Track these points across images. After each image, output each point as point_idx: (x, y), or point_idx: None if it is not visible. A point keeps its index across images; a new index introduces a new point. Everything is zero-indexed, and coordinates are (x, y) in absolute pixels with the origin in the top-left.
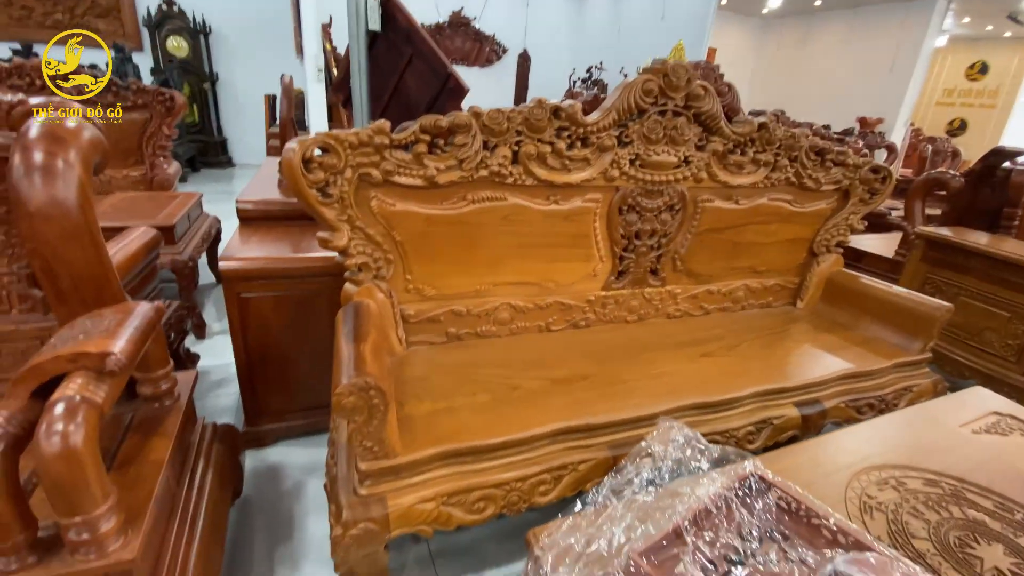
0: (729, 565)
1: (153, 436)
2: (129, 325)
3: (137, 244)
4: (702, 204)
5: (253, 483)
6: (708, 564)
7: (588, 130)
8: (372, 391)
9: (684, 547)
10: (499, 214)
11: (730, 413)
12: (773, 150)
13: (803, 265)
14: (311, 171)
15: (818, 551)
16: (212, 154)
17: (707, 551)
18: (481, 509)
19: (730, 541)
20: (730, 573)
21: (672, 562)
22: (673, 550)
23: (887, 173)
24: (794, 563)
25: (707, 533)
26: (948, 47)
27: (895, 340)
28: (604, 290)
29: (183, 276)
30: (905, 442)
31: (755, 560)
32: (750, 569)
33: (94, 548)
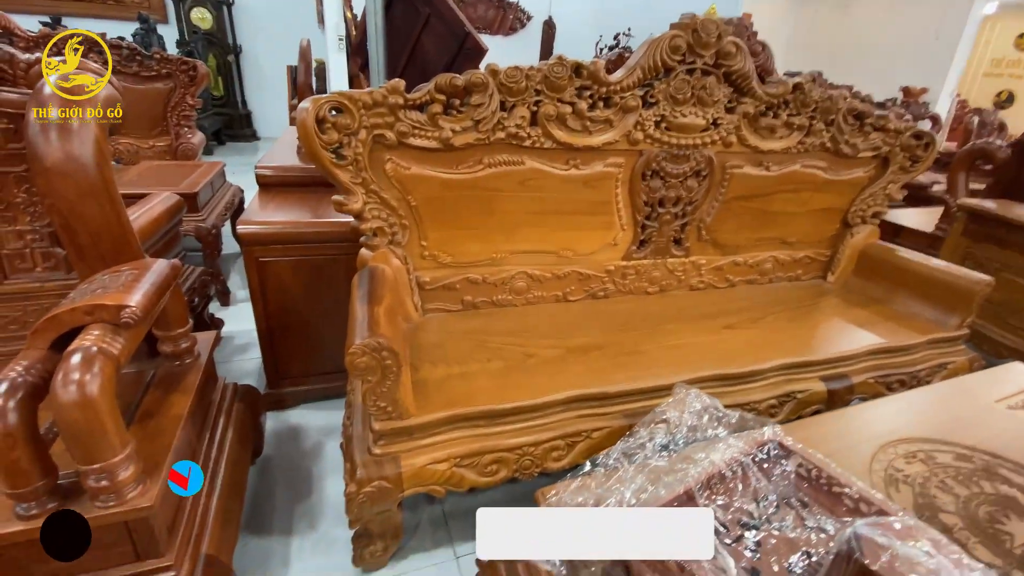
0: (742, 529)
1: (173, 392)
2: (145, 280)
3: (160, 209)
4: (730, 170)
5: (274, 443)
6: (721, 527)
7: (611, 89)
8: (385, 352)
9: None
10: (516, 179)
11: (752, 385)
12: (808, 113)
13: (835, 237)
14: (325, 132)
15: (838, 519)
16: (237, 127)
17: (720, 514)
18: (493, 472)
19: (744, 506)
20: (743, 537)
21: None
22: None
23: (930, 139)
24: (811, 529)
25: (721, 497)
26: (997, 14)
27: (931, 315)
28: (625, 260)
29: (206, 243)
30: (936, 416)
31: (770, 525)
32: (764, 533)
33: (113, 495)
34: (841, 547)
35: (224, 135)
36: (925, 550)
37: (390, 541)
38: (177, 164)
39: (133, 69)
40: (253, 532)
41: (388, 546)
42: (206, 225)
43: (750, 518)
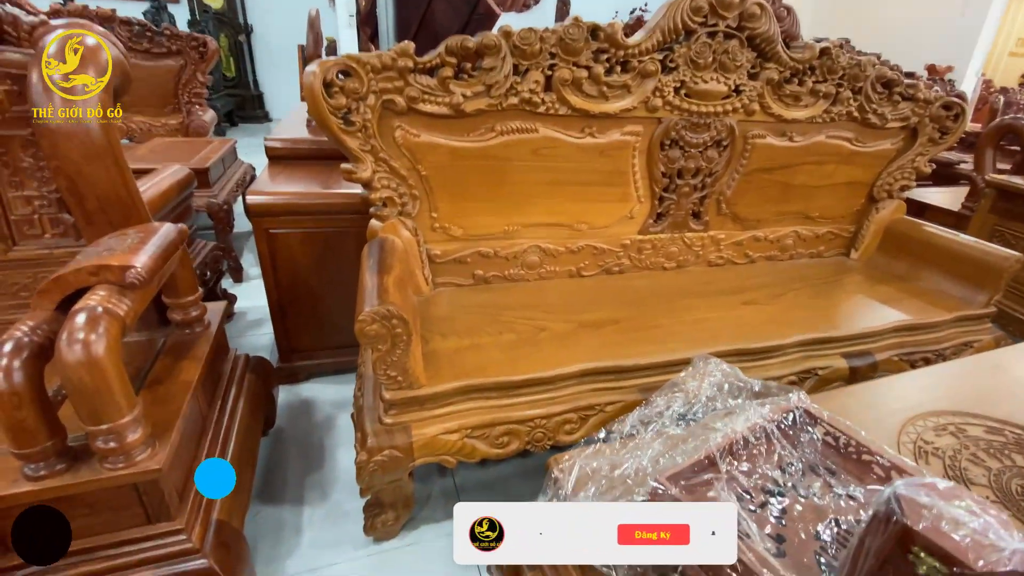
0: (767, 496)
1: (183, 360)
2: (152, 243)
3: (169, 181)
4: (752, 140)
5: (286, 415)
6: (744, 493)
7: (629, 53)
8: (395, 320)
9: (717, 474)
10: (529, 147)
11: (771, 361)
12: (835, 80)
13: (860, 212)
14: (333, 96)
15: (867, 487)
16: (249, 108)
17: (743, 480)
18: (505, 444)
19: (769, 472)
20: (767, 504)
21: (703, 488)
22: (705, 476)
23: (960, 110)
24: (840, 497)
25: (744, 464)
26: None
27: (958, 292)
28: (641, 234)
29: (217, 219)
30: (966, 389)
31: (796, 492)
32: (790, 500)
33: (122, 457)
34: (879, 508)
35: (236, 116)
36: (971, 510)
37: (401, 511)
38: (188, 141)
39: (144, 46)
40: (265, 501)
41: (399, 516)
42: (217, 201)
43: (775, 485)
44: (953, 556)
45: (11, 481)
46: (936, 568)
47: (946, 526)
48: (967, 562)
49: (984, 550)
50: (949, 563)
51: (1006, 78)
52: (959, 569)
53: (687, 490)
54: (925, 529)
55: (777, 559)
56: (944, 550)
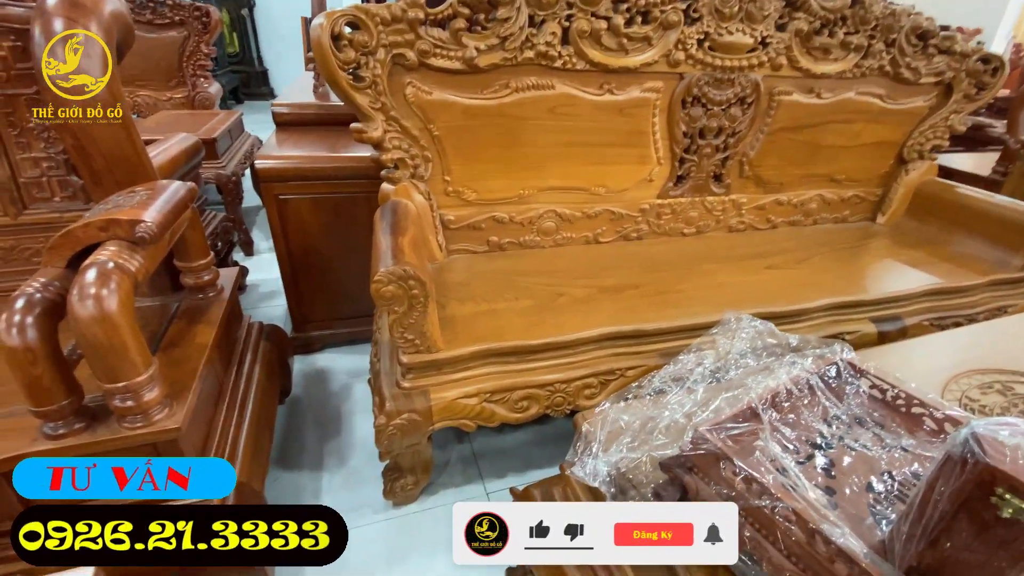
0: (813, 448)
1: (198, 324)
2: (161, 199)
3: (177, 149)
4: (778, 97)
5: (302, 384)
6: (788, 444)
7: (651, 2)
8: (412, 280)
9: (760, 426)
10: (545, 105)
11: (797, 326)
12: (868, 31)
13: (888, 174)
14: (341, 50)
15: (921, 440)
16: (255, 85)
17: (787, 432)
18: (524, 408)
19: (814, 424)
20: (813, 456)
21: (747, 438)
22: (747, 427)
23: (999, 63)
24: (892, 448)
25: (787, 416)
26: None
27: (992, 255)
28: (660, 198)
29: (226, 190)
30: (1008, 348)
31: (843, 444)
32: (837, 452)
33: (140, 416)
34: (954, 450)
35: (242, 94)
36: None
37: (420, 475)
38: (194, 113)
39: (146, 17)
40: (284, 467)
41: (419, 480)
42: (226, 172)
43: (822, 437)
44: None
45: (31, 440)
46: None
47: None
48: None
49: None
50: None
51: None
52: None
53: (729, 441)
54: (1013, 468)
55: (831, 511)
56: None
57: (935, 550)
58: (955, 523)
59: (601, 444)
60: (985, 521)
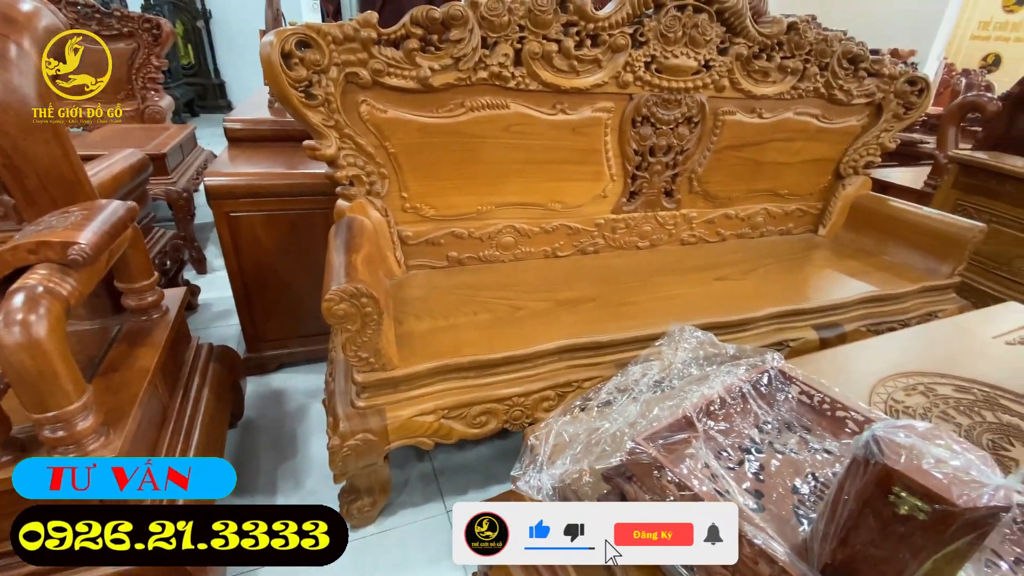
0: (744, 454)
1: (140, 346)
2: (98, 219)
3: (121, 165)
4: (723, 117)
5: (256, 406)
6: (722, 451)
7: (599, 26)
8: (364, 298)
9: (695, 434)
10: (501, 124)
11: (744, 335)
12: (802, 56)
13: (827, 189)
14: (292, 68)
15: (843, 441)
16: (211, 98)
17: (720, 439)
18: (483, 423)
19: (746, 431)
20: (744, 461)
21: (681, 447)
22: (682, 436)
23: (924, 85)
24: (816, 451)
25: (721, 423)
26: None
27: (923, 264)
28: (615, 213)
29: (177, 207)
30: (934, 351)
31: (772, 449)
32: (767, 457)
33: (73, 447)
34: (858, 452)
35: (197, 106)
36: (952, 448)
37: (378, 496)
38: (144, 127)
39: (92, 28)
40: (236, 493)
41: (376, 501)
42: (176, 188)
43: (752, 443)
44: (935, 493)
45: None
46: (918, 506)
47: (927, 464)
48: (950, 498)
49: (966, 486)
50: (931, 500)
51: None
52: (941, 506)
53: (664, 450)
54: (906, 468)
55: (757, 514)
56: (925, 488)
57: (846, 547)
58: (861, 521)
59: (546, 457)
60: (886, 518)
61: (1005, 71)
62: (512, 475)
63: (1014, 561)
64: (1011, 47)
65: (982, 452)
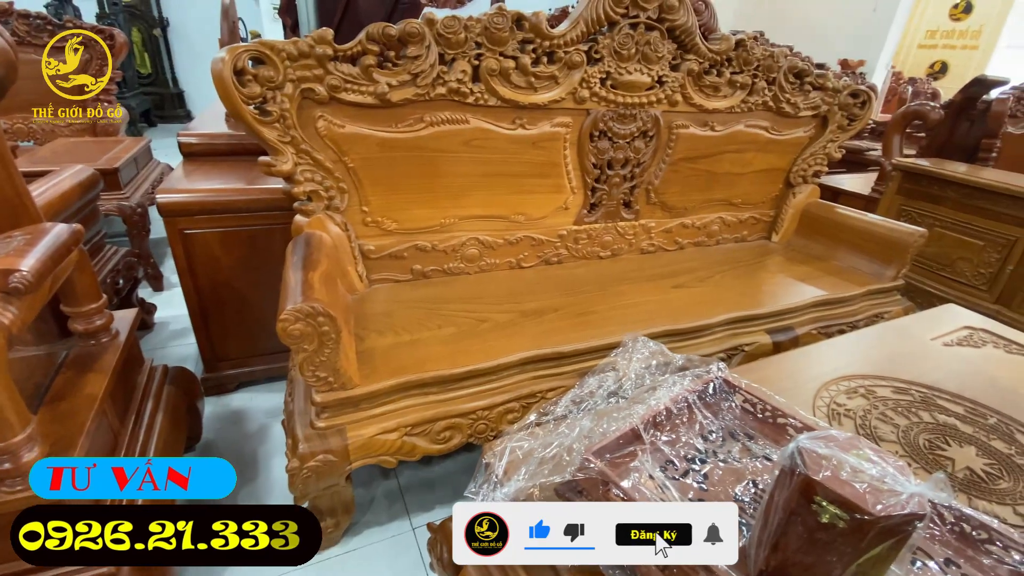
0: (689, 464)
1: (88, 372)
2: (40, 245)
3: (70, 182)
4: (677, 130)
5: (215, 427)
6: (668, 462)
7: (555, 44)
8: (321, 317)
9: (642, 446)
10: (461, 138)
11: (701, 340)
12: (751, 71)
13: (779, 197)
14: (245, 85)
15: (782, 448)
16: (169, 108)
17: (666, 450)
18: (447, 439)
19: (691, 441)
20: (690, 471)
21: (628, 459)
22: (630, 448)
23: (867, 97)
24: (757, 459)
25: (667, 434)
26: None
27: (869, 268)
28: (576, 224)
29: (131, 223)
30: (875, 354)
31: (717, 458)
32: (711, 466)
33: (19, 479)
34: (784, 463)
35: (155, 116)
36: (870, 458)
37: (341, 517)
38: (96, 140)
39: (44, 40)
40: None
41: (340, 522)
42: (130, 203)
43: (697, 452)
44: (852, 503)
45: None
46: (837, 515)
47: (845, 475)
48: (866, 508)
49: (882, 495)
50: (849, 509)
51: (915, 69)
52: (859, 515)
53: (612, 463)
54: (825, 479)
55: None
56: (843, 498)
57: (777, 553)
58: (790, 528)
59: (501, 474)
60: (811, 526)
61: (951, 78)
62: (466, 493)
63: (944, 562)
64: (957, 54)
65: (900, 461)
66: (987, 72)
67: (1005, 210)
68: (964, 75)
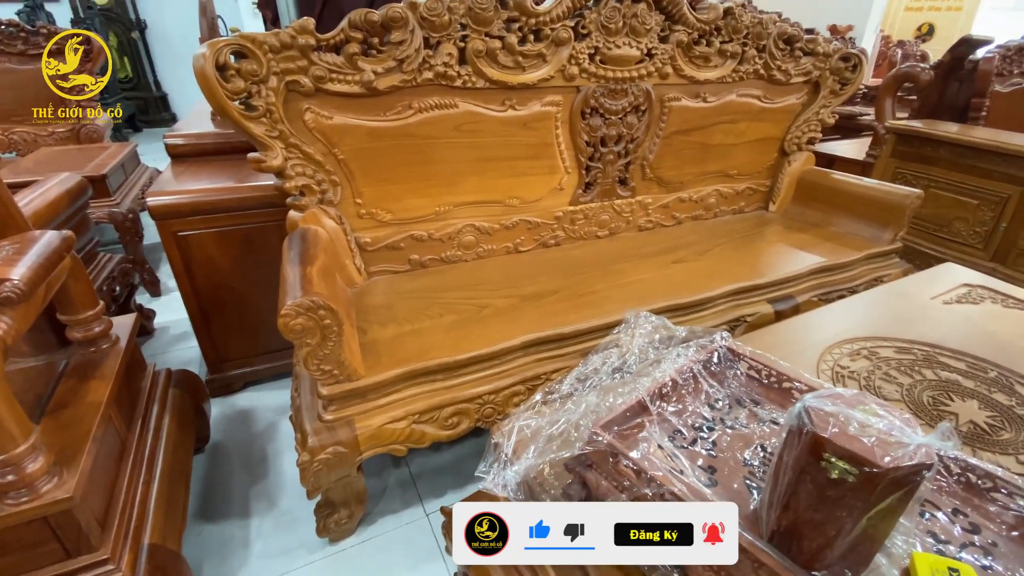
0: (697, 432)
1: (90, 380)
2: (31, 253)
3: (57, 191)
4: (669, 103)
5: (223, 428)
6: (675, 432)
7: (541, 21)
8: (322, 310)
9: (649, 417)
10: (451, 123)
11: (703, 313)
12: (740, 39)
13: (774, 166)
14: (229, 80)
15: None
16: (153, 112)
17: (674, 420)
18: (455, 424)
19: (698, 410)
20: (698, 439)
21: (636, 431)
22: (637, 420)
23: (857, 60)
24: (764, 423)
25: (674, 405)
26: None
27: (866, 233)
28: (572, 205)
29: (123, 229)
30: (877, 316)
31: (724, 425)
32: (719, 433)
33: (25, 490)
34: (791, 422)
35: (140, 121)
36: (876, 412)
37: (355, 507)
38: (81, 148)
39: (18, 48)
40: (208, 519)
41: (353, 513)
42: (121, 210)
43: (705, 421)
44: (861, 457)
45: None
46: (846, 470)
47: (853, 430)
48: (875, 461)
49: (889, 448)
50: (858, 464)
51: (903, 32)
52: (868, 468)
53: (620, 436)
54: (833, 435)
55: (710, 488)
56: (852, 452)
57: (788, 513)
58: (800, 487)
59: (510, 453)
60: (821, 483)
61: (939, 40)
62: (477, 474)
63: (952, 511)
64: (943, 16)
65: (905, 414)
66: (972, 33)
67: (996, 167)
68: (950, 37)
